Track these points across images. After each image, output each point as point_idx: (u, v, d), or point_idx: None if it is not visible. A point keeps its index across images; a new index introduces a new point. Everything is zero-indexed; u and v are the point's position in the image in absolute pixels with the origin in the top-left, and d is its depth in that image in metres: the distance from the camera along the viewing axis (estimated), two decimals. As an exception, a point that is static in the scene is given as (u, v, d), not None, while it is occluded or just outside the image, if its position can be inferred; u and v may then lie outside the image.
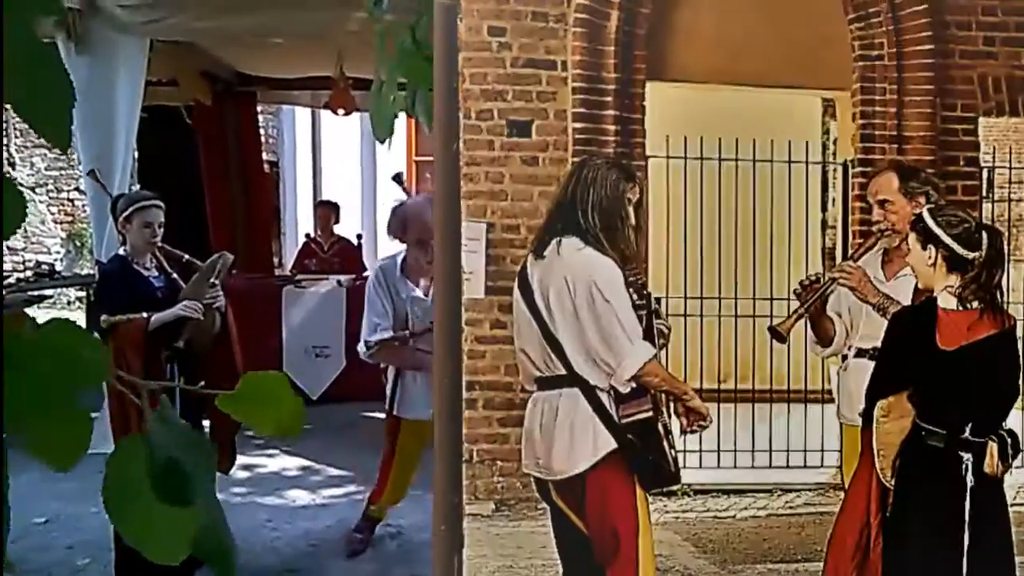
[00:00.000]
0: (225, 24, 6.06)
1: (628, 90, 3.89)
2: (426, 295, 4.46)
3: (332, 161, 12.65)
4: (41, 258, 12.05)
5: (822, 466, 4.02)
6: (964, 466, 2.86)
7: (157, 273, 4.29)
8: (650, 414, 3.07)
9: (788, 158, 4.09)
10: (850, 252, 3.69)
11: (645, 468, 3.08)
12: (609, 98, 3.85)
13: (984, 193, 4.01)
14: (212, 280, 4.25)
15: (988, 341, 2.89)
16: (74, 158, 11.78)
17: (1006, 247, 3.03)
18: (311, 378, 7.77)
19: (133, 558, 2.79)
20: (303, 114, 12.39)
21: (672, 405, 3.16)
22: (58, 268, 11.19)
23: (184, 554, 1.02)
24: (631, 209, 3.14)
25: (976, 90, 3.89)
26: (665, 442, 3.08)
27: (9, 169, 12.95)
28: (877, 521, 2.97)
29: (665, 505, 3.83)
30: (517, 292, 3.18)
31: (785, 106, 4.40)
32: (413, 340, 4.50)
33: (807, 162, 4.18)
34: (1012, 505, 3.03)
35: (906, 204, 3.34)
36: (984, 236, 2.91)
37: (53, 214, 14.42)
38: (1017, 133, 4.05)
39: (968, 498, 2.86)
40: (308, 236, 9.55)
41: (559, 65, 3.77)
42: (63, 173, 14.15)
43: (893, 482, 2.93)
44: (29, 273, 9.28)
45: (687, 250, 4.03)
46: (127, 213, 4.23)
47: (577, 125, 3.80)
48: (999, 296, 2.94)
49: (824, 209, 4.62)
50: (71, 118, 1.02)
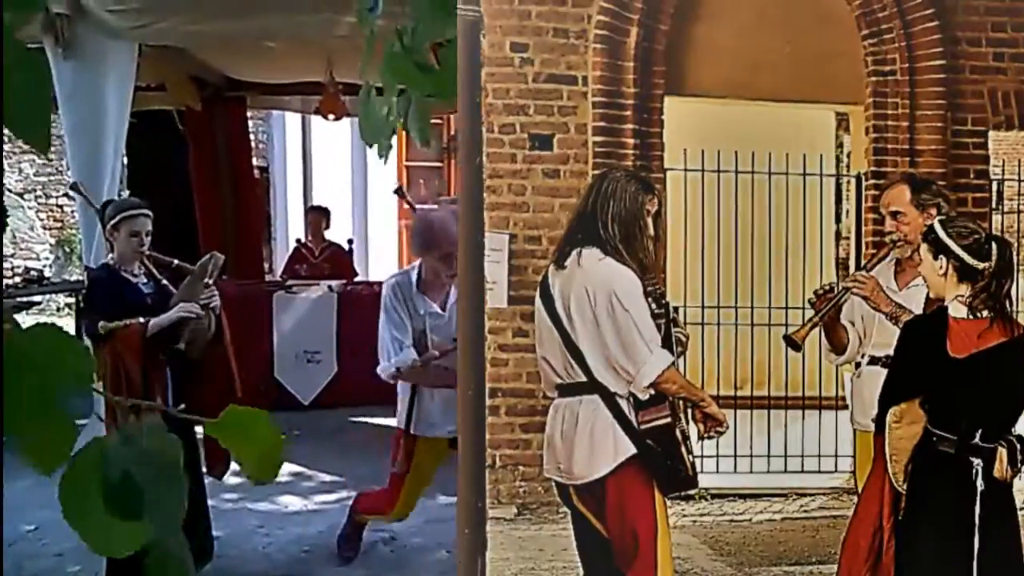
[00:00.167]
0: (215, 29, 5.90)
1: (647, 104, 3.93)
2: (443, 310, 4.32)
3: (323, 166, 12.36)
4: (30, 264, 11.65)
5: (836, 471, 4.04)
6: (974, 471, 2.88)
7: (146, 280, 4.22)
8: (668, 420, 3.09)
9: (803, 171, 4.11)
10: (863, 262, 3.71)
11: (663, 473, 3.09)
12: (628, 112, 3.89)
13: (994, 205, 4.04)
14: (206, 280, 4.17)
15: (998, 349, 2.91)
16: (63, 164, 11.51)
17: (1015, 258, 3.04)
18: (302, 383, 7.73)
19: (123, 566, 2.77)
20: (293, 119, 12.13)
21: (690, 411, 3.18)
22: (47, 274, 11.08)
23: (129, 551, 1.03)
24: (650, 220, 3.15)
25: (986, 104, 3.92)
26: (683, 447, 3.10)
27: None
28: (889, 524, 2.98)
29: (683, 509, 3.86)
30: (539, 301, 3.19)
31: (800, 120, 4.40)
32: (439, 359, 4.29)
33: (821, 175, 4.20)
34: (1021, 509, 3.06)
35: (918, 216, 3.37)
36: (994, 247, 2.95)
37: (42, 220, 14.09)
38: (1026, 146, 4.10)
39: (978, 502, 2.88)
40: (299, 241, 9.37)
41: (580, 80, 3.81)
42: (52, 179, 13.82)
43: (905, 486, 2.94)
44: (18, 279, 9.18)
45: (704, 260, 4.06)
46: (115, 221, 4.17)
47: (597, 139, 3.84)
48: (1008, 305, 2.96)
49: (838, 220, 4.62)
50: (50, 120, 1.01)
